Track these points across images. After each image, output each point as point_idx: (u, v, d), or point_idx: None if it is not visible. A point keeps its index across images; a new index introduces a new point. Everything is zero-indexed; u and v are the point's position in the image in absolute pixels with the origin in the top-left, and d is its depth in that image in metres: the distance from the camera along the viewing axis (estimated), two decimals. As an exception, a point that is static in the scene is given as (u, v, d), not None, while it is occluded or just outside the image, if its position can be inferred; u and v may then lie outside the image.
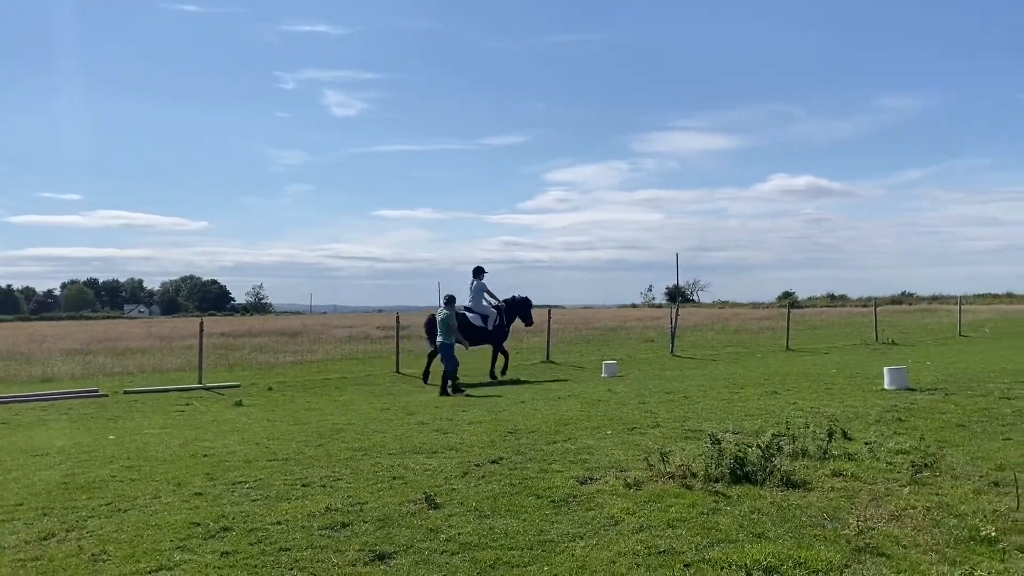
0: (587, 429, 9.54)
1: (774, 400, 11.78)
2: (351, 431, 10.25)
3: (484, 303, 19.06)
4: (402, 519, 5.95)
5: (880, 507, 5.80)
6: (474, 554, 5.16)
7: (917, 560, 4.71)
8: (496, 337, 19.12)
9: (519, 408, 11.97)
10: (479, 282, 19.16)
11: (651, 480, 6.71)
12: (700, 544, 5.15)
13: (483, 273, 19.34)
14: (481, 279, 19.22)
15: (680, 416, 10.36)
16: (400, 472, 7.52)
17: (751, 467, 6.65)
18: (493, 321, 19.08)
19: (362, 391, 16.36)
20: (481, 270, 19.32)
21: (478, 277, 19.21)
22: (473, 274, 19.29)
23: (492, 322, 19.07)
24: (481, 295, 19.07)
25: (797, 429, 8.42)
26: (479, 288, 19.08)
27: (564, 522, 5.76)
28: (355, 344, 29.93)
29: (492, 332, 19.01)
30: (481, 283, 19.14)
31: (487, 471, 7.41)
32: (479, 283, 19.14)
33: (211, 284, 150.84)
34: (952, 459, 7.27)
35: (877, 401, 11.18)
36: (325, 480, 7.29)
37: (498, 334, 19.16)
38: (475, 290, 19.10)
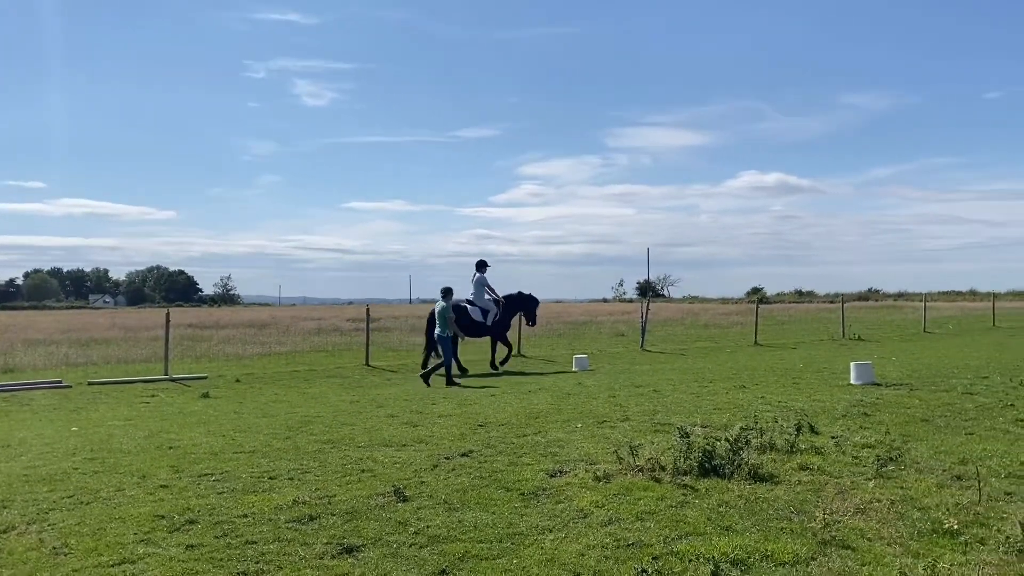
0: (557, 422, 9.55)
1: (742, 394, 11.87)
2: (320, 423, 10.17)
3: (486, 297, 19.11)
4: (370, 512, 5.91)
5: (846, 500, 5.86)
6: (443, 547, 5.13)
7: (882, 553, 4.77)
8: (495, 331, 19.16)
9: (489, 401, 11.95)
10: (480, 275, 19.17)
11: (620, 473, 6.73)
12: (669, 537, 5.17)
13: (486, 267, 19.39)
14: (483, 272, 19.25)
15: (650, 410, 10.41)
16: (369, 465, 7.47)
17: (719, 460, 6.69)
18: (493, 316, 19.13)
19: (331, 383, 16.25)
20: (484, 263, 19.38)
21: (480, 271, 19.25)
22: (476, 267, 19.34)
23: (492, 317, 19.12)
24: (482, 289, 19.09)
25: (765, 423, 8.50)
26: (480, 282, 19.08)
27: (534, 515, 5.75)
28: (324, 336, 29.73)
29: (492, 327, 19.09)
30: (482, 276, 19.16)
31: (457, 464, 7.38)
32: (480, 276, 19.15)
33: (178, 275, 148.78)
34: (916, 453, 7.37)
35: (843, 396, 11.31)
36: (293, 473, 7.22)
37: (497, 328, 19.19)
38: (476, 283, 19.13)
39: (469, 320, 18.71)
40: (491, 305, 19.13)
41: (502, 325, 19.35)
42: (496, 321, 19.18)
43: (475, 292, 19.08)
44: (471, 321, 18.76)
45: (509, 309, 19.59)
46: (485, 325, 18.99)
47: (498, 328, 19.22)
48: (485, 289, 19.14)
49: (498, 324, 19.23)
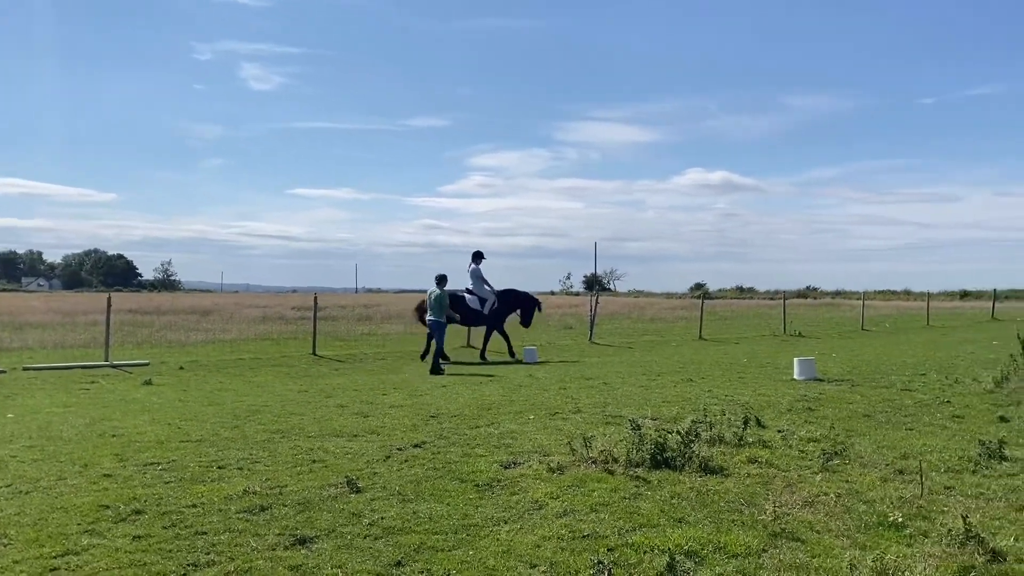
0: (510, 414, 9.56)
1: (690, 388, 12.04)
2: (268, 413, 10.02)
3: (485, 287, 19.34)
4: (323, 503, 5.84)
5: (794, 493, 5.98)
6: (398, 538, 5.10)
7: (830, 545, 4.88)
8: (491, 321, 19.40)
9: (441, 392, 11.91)
10: (476, 267, 19.39)
11: (574, 465, 6.77)
12: (623, 528, 5.21)
13: (481, 258, 19.63)
14: (479, 264, 19.46)
15: (600, 402, 10.49)
16: (320, 455, 7.39)
17: (671, 453, 6.77)
18: (491, 305, 19.33)
19: (278, 372, 16.01)
20: (480, 255, 19.61)
21: (476, 262, 19.46)
22: (472, 258, 19.53)
23: (489, 306, 19.31)
24: (480, 279, 19.31)
25: (714, 416, 8.63)
26: (475, 273, 19.31)
27: (488, 506, 5.75)
28: (269, 324, 29.29)
29: (488, 316, 19.28)
30: (477, 268, 19.38)
31: (410, 455, 7.34)
32: (476, 267, 19.38)
33: (117, 259, 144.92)
34: (860, 447, 7.56)
35: (788, 391, 11.55)
36: (242, 462, 7.10)
37: (493, 318, 19.40)
38: (472, 274, 19.35)
39: (466, 308, 19.14)
40: (488, 295, 19.34)
41: (499, 316, 19.54)
42: (493, 311, 19.37)
43: (473, 283, 19.34)
44: (468, 309, 19.17)
45: (507, 303, 19.78)
46: (482, 314, 19.27)
47: (494, 318, 19.40)
48: (480, 279, 19.37)
49: (495, 314, 19.41)
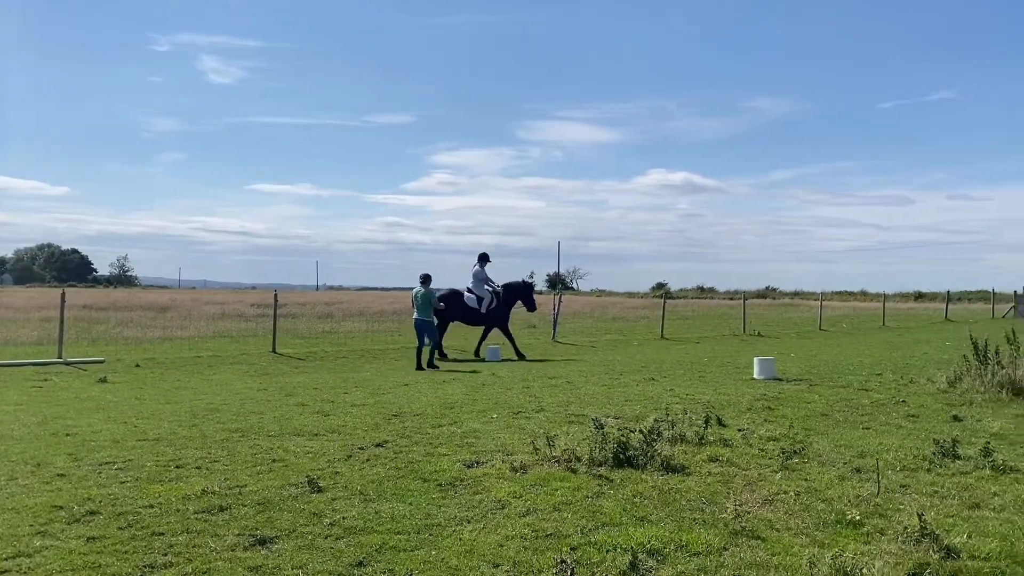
0: (473, 413, 9.54)
1: (652, 387, 12.12)
2: (227, 411, 9.88)
3: (486, 288, 19.48)
4: (283, 503, 5.77)
5: (754, 492, 6.04)
6: (359, 538, 5.05)
7: (790, 543, 4.94)
8: (490, 320, 19.50)
9: (403, 391, 11.85)
10: (479, 267, 19.61)
11: (537, 464, 6.77)
12: (586, 527, 5.22)
13: (487, 260, 19.87)
14: (483, 265, 19.69)
15: (563, 401, 10.52)
16: (280, 455, 7.30)
17: (634, 452, 6.80)
18: (488, 304, 19.39)
19: (237, 370, 15.80)
20: (485, 257, 19.87)
21: (481, 263, 19.71)
22: (478, 259, 19.80)
23: (486, 305, 19.39)
24: (481, 280, 19.48)
25: (676, 415, 8.69)
26: (477, 274, 19.53)
27: (451, 506, 5.72)
28: (228, 322, 28.93)
29: (486, 315, 19.43)
30: (480, 269, 19.59)
31: (372, 454, 7.29)
32: (479, 268, 19.60)
33: (71, 253, 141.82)
34: (818, 446, 7.66)
35: (748, 390, 11.68)
36: (200, 462, 6.99)
37: (491, 317, 19.51)
38: (475, 275, 19.57)
39: (464, 306, 19.34)
40: (486, 294, 19.44)
41: (498, 314, 19.57)
42: (492, 309, 19.44)
43: (474, 283, 19.55)
44: (465, 307, 19.35)
45: (507, 298, 19.82)
46: (479, 312, 19.39)
47: (492, 316, 19.49)
48: (482, 279, 19.54)
49: (493, 312, 19.47)
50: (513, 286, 20.18)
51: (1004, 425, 8.79)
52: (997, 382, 10.98)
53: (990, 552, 4.69)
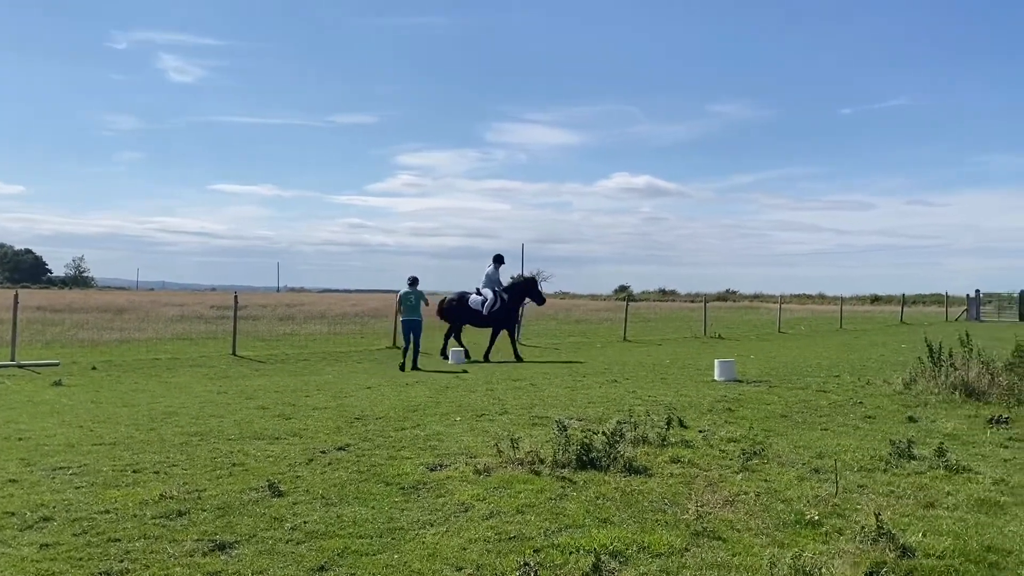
0: (436, 415, 9.51)
1: (615, 389, 12.19)
2: (185, 415, 9.73)
3: (487, 289, 19.15)
4: (243, 507, 5.70)
5: (715, 493, 6.10)
6: (321, 543, 5.01)
7: (750, 543, 4.99)
8: (493, 322, 19.12)
9: (366, 394, 11.77)
10: (492, 268, 19.34)
11: (500, 466, 6.76)
12: (549, 529, 5.23)
13: (501, 262, 19.56)
14: (498, 267, 19.39)
15: (527, 403, 10.53)
16: (240, 458, 7.21)
17: (597, 453, 6.83)
18: (490, 306, 18.98)
19: (196, 373, 15.57)
20: (499, 258, 19.59)
21: (495, 264, 19.41)
22: (492, 260, 19.48)
23: (488, 307, 19.00)
24: (491, 281, 19.19)
25: (638, 417, 8.74)
26: (490, 274, 19.25)
27: (414, 509, 5.70)
28: (187, 324, 28.52)
29: (489, 317, 19.04)
30: (493, 269, 19.29)
31: (333, 458, 7.23)
32: (491, 269, 19.32)
33: (25, 254, 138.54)
34: (778, 447, 7.76)
35: (709, 391, 11.80)
36: (158, 466, 6.88)
37: (495, 319, 19.09)
38: (487, 275, 19.32)
39: (468, 310, 19.10)
40: (488, 295, 19.09)
41: (502, 315, 19.16)
42: (495, 311, 19.03)
43: (484, 282, 19.31)
44: (469, 310, 19.09)
45: (513, 297, 19.45)
46: (480, 314, 19.06)
47: (495, 318, 19.10)
48: (492, 281, 19.21)
49: (496, 314, 19.06)
50: (516, 285, 19.90)
51: (957, 426, 8.98)
52: (950, 384, 11.22)
53: (944, 550, 4.79)
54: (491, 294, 19.16)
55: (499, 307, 19.13)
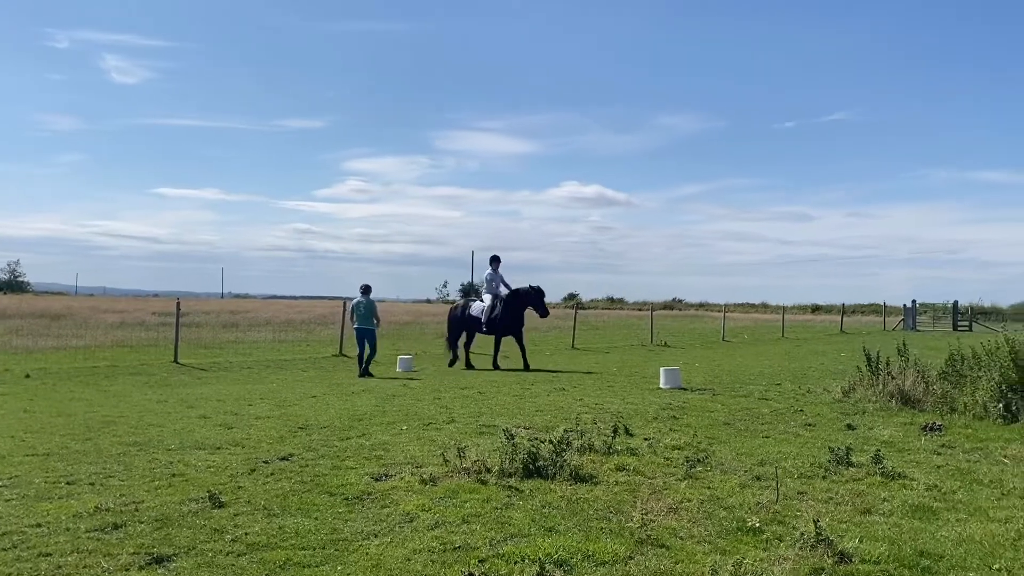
0: (382, 425, 9.43)
1: (562, 397, 12.23)
2: (124, 424, 9.49)
3: (486, 295, 18.37)
4: (183, 519, 5.57)
5: (660, 500, 6.16)
6: (262, 555, 4.92)
7: (693, 551, 5.05)
8: (494, 331, 18.18)
9: (310, 403, 11.62)
10: (491, 271, 18.49)
11: (447, 476, 6.73)
12: (494, 539, 5.21)
13: (498, 262, 18.53)
14: (495, 268, 18.46)
15: (475, 412, 10.50)
16: (180, 469, 7.06)
17: (543, 462, 6.84)
18: (488, 313, 18.07)
19: (136, 381, 15.22)
20: (495, 258, 18.58)
21: (492, 266, 18.51)
22: (489, 262, 18.62)
23: (487, 313, 18.08)
24: (490, 284, 18.39)
25: (585, 425, 8.80)
26: (489, 278, 18.53)
27: (358, 520, 5.63)
28: (128, 330, 27.84)
29: (488, 325, 18.10)
30: (492, 272, 18.44)
31: (276, 468, 7.12)
32: (491, 272, 18.50)
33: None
34: (721, 455, 7.87)
35: (654, 399, 11.92)
36: (94, 478, 6.69)
37: (495, 326, 18.10)
38: (486, 280, 18.70)
39: (471, 316, 18.36)
40: (488, 301, 18.28)
41: (500, 323, 18.01)
42: (491, 319, 18.00)
43: (485, 287, 18.70)
44: (472, 317, 18.34)
45: (515, 304, 18.10)
46: (479, 321, 18.17)
47: (493, 327, 18.08)
48: (490, 285, 18.38)
49: (493, 322, 18.00)
50: (521, 292, 18.26)
51: (893, 433, 9.22)
52: (887, 392, 11.51)
53: (879, 555, 4.90)
54: (490, 299, 18.26)
55: (498, 313, 18.03)
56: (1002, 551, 5.03)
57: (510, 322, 18.08)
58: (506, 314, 18.00)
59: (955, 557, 4.91)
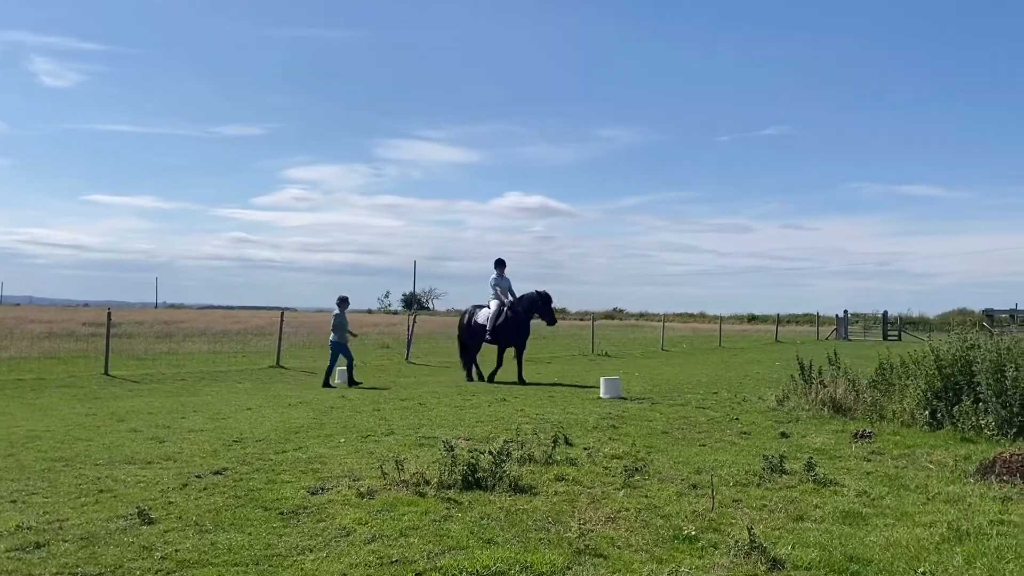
0: (319, 437, 9.29)
1: (503, 407, 12.23)
2: (49, 439, 9.17)
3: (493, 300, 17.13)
4: (110, 536, 5.40)
5: (598, 510, 6.19)
6: (193, 572, 4.79)
7: (630, 560, 5.08)
8: (495, 339, 16.96)
9: (245, 416, 11.39)
10: (496, 275, 17.17)
11: (385, 489, 6.66)
12: (432, 552, 5.17)
13: (502, 266, 17.26)
14: (500, 272, 17.19)
15: (415, 423, 10.43)
16: (108, 484, 6.84)
17: (483, 473, 6.82)
18: (492, 320, 16.85)
19: (63, 394, 14.73)
20: (500, 262, 17.28)
21: (497, 270, 17.23)
22: (494, 266, 17.35)
23: (492, 321, 16.86)
24: (500, 290, 17.10)
25: (525, 435, 8.80)
26: (493, 282, 17.19)
27: (293, 534, 5.53)
28: (56, 341, 26.97)
29: (490, 333, 16.91)
30: (497, 277, 17.16)
31: (209, 482, 6.95)
32: (496, 276, 17.16)
33: None
34: (659, 464, 7.95)
35: (594, 409, 12.00)
36: (16, 495, 6.44)
37: (497, 336, 16.88)
38: (491, 285, 17.24)
39: (476, 324, 17.25)
40: (493, 307, 17.06)
41: (509, 331, 16.75)
42: (496, 327, 16.79)
43: (491, 294, 17.30)
44: (478, 325, 17.20)
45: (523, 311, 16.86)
46: (484, 330, 16.98)
47: (498, 334, 16.82)
48: (496, 291, 17.12)
49: (497, 330, 16.79)
50: (526, 297, 17.16)
51: (825, 440, 9.44)
52: (820, 400, 11.79)
53: (811, 561, 5.00)
54: (495, 306, 17.03)
55: (503, 321, 16.82)
56: (927, 554, 5.18)
57: (516, 330, 16.91)
58: (510, 321, 16.85)
59: (882, 561, 5.04)
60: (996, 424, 9.46)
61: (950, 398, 10.25)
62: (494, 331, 16.86)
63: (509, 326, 16.79)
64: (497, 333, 16.89)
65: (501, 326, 16.83)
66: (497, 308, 16.91)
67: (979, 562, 4.99)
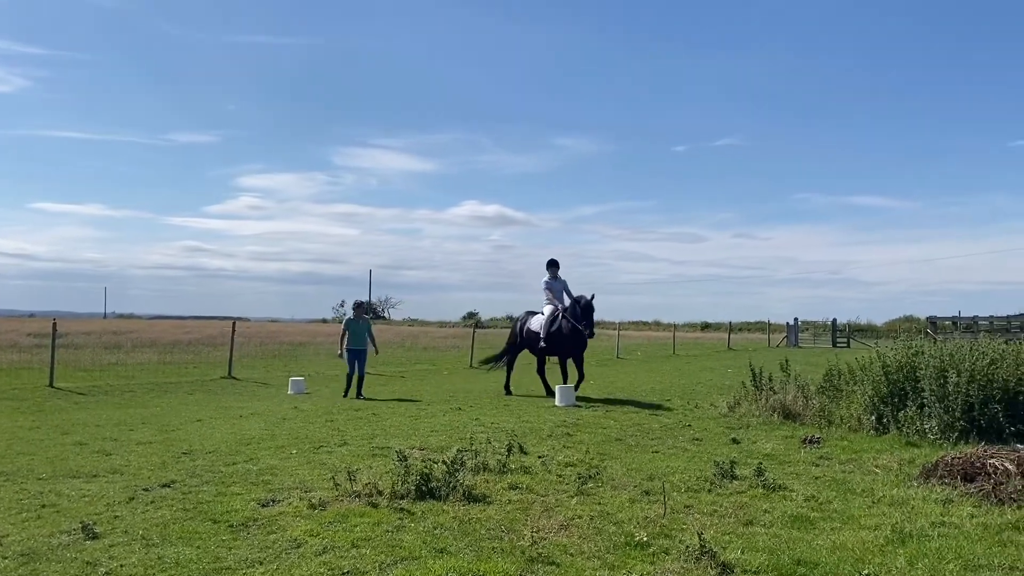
0: (271, 449, 9.17)
1: (458, 416, 12.20)
2: (-10, 453, 8.91)
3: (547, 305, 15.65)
4: (52, 552, 5.27)
5: (551, 518, 6.21)
6: (139, 588, 4.70)
7: (583, 567, 5.10)
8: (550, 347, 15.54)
9: (195, 427, 11.20)
10: (549, 278, 15.70)
11: (337, 500, 6.60)
12: (384, 563, 5.14)
13: (556, 267, 15.76)
14: (553, 275, 15.71)
15: (368, 434, 10.35)
16: (51, 499, 6.67)
17: (436, 483, 6.80)
18: (547, 327, 15.37)
19: (5, 407, 14.33)
20: (555, 263, 15.76)
21: (550, 271, 15.75)
22: (547, 267, 15.85)
23: (545, 328, 15.37)
24: (554, 293, 15.62)
25: (479, 444, 8.80)
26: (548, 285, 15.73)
27: (243, 547, 5.45)
28: (-1, 353, 26.21)
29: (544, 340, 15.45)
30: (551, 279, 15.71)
31: (157, 496, 6.82)
32: (548, 279, 15.69)
33: None
34: (612, 471, 8.01)
35: (549, 417, 12.03)
36: (-47, 512, 6.25)
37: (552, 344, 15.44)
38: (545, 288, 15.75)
39: (529, 331, 15.84)
40: (548, 312, 15.58)
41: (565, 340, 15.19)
42: (550, 334, 15.27)
43: (545, 299, 15.81)
44: (531, 332, 15.78)
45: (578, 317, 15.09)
46: (538, 336, 15.51)
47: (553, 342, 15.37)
48: (548, 295, 15.65)
49: (551, 337, 15.26)
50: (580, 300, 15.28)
51: (775, 446, 9.59)
52: (770, 406, 11.98)
53: (760, 565, 5.08)
54: (550, 311, 15.52)
55: (557, 328, 15.28)
56: (871, 556, 5.29)
57: (572, 338, 15.22)
58: (564, 329, 15.21)
59: (829, 564, 5.14)
60: (939, 428, 9.70)
61: (896, 403, 10.49)
62: (548, 337, 15.37)
63: (567, 333, 15.22)
64: (551, 340, 15.40)
65: (556, 332, 15.36)
66: (552, 313, 15.47)
67: (920, 563, 5.11)
